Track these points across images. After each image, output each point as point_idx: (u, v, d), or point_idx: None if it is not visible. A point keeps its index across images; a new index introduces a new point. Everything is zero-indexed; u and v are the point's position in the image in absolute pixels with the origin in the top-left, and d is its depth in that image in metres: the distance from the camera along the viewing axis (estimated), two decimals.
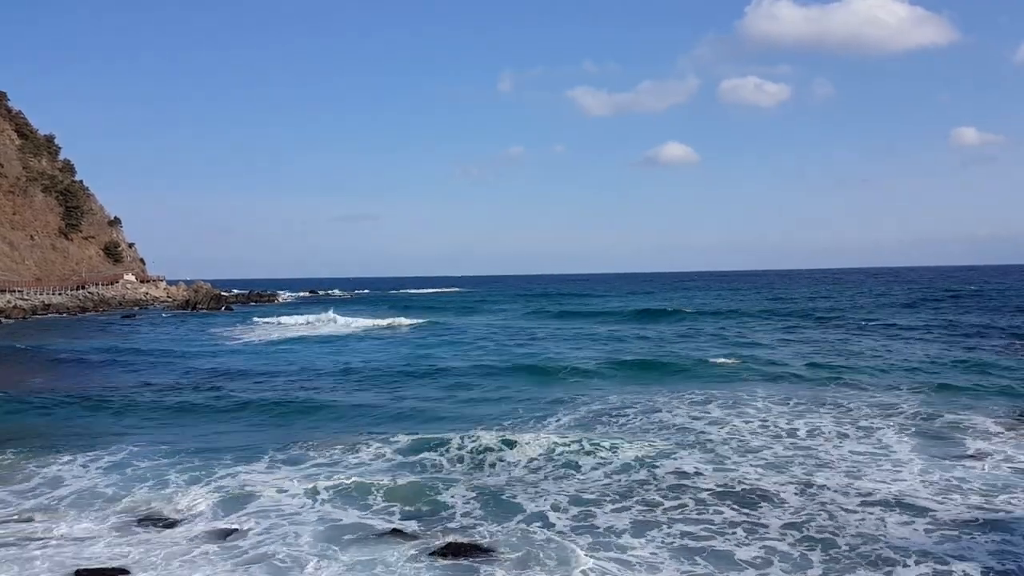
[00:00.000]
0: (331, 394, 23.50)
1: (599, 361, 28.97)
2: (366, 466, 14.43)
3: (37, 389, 25.08)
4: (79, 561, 9.91)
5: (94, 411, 20.83)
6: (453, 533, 10.82)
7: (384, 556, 10.01)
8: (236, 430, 18.31)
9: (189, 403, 22.03)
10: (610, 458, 14.49)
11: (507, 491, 12.70)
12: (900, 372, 25.16)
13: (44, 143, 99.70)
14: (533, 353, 33.14)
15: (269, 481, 13.41)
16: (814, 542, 10.34)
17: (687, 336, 39.99)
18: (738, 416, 18.47)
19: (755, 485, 12.73)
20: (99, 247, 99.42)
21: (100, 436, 17.40)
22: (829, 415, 18.42)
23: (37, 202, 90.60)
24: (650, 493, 12.44)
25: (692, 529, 10.90)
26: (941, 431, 16.51)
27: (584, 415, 19.21)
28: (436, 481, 13.32)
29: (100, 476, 13.96)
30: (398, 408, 20.76)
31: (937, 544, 10.21)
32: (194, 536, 10.88)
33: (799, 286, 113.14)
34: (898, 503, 11.82)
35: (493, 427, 17.42)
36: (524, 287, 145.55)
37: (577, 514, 11.58)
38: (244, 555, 10.17)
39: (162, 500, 12.39)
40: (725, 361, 28.17)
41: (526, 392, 22.95)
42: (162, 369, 30.16)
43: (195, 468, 14.35)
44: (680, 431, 17.08)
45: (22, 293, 73.90)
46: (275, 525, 11.24)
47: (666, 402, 20.52)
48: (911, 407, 19.08)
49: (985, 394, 20.60)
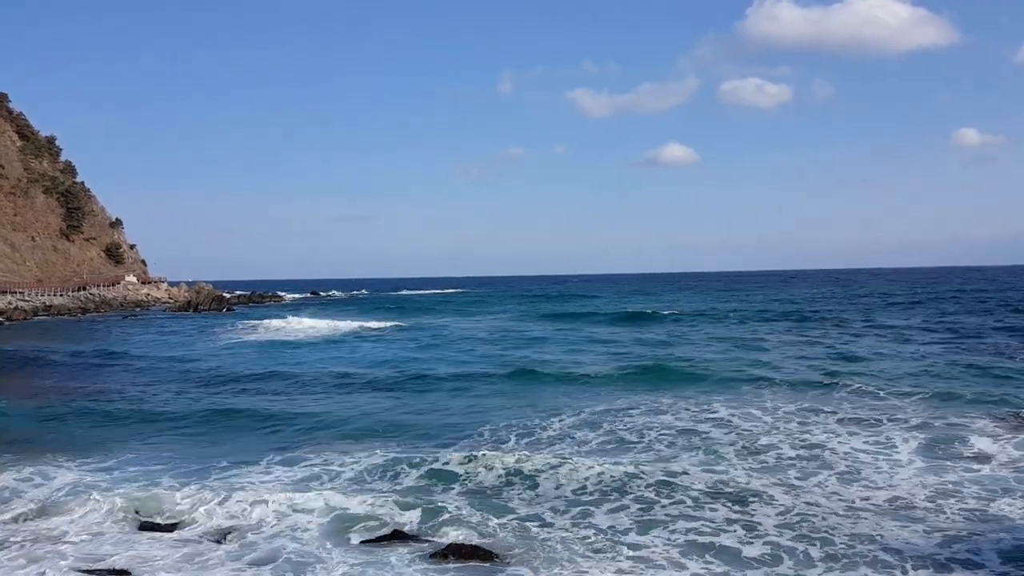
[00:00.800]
0: (301, 401, 23.47)
1: (596, 366, 28.86)
2: (352, 476, 14.40)
3: (32, 392, 25.10)
4: (80, 563, 9.89)
5: (90, 414, 20.83)
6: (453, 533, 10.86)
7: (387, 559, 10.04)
8: (228, 438, 18.24)
9: (169, 410, 22.02)
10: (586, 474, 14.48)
11: (502, 494, 12.72)
12: (901, 374, 25.12)
13: (45, 144, 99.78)
14: (522, 357, 32.58)
15: (268, 483, 13.46)
16: (821, 542, 10.34)
17: (683, 339, 39.90)
18: (745, 419, 18.47)
19: (748, 487, 12.74)
20: (100, 248, 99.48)
21: (98, 441, 17.42)
22: (830, 418, 18.39)
23: (38, 203, 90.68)
24: (647, 493, 12.44)
25: (694, 525, 10.94)
26: (942, 433, 16.48)
27: (574, 424, 19.18)
28: (426, 491, 13.32)
29: (99, 478, 14.00)
30: (365, 418, 19.90)
31: (939, 547, 10.21)
32: (193, 538, 10.90)
33: (800, 287, 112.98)
34: (899, 506, 11.83)
35: (464, 439, 17.17)
36: (524, 288, 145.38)
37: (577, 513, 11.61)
38: (244, 556, 10.17)
39: (161, 502, 12.37)
40: (728, 366, 28.14)
41: (505, 400, 22.17)
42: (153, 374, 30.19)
43: (193, 471, 14.38)
44: (684, 434, 17.07)
45: (23, 294, 73.97)
46: (273, 527, 11.24)
47: (671, 404, 20.55)
48: (913, 410, 19.04)
49: (987, 397, 20.53)
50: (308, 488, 13.00)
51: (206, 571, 9.73)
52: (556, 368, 28.20)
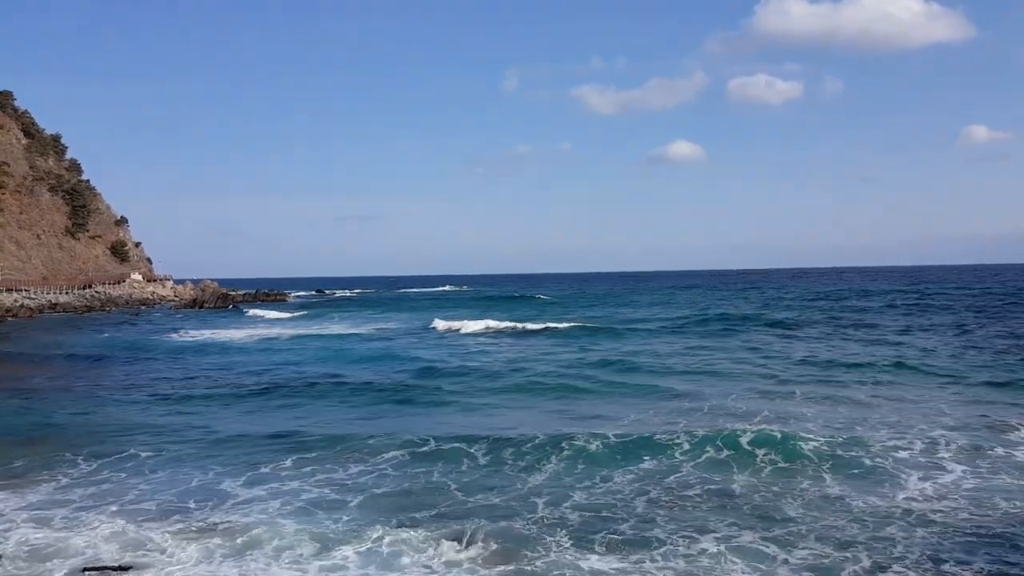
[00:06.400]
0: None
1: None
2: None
3: (25, 388, 24.57)
4: (84, 559, 9.69)
5: (92, 412, 20.17)
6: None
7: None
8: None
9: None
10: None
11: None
12: (930, 374, 24.18)
13: (50, 142, 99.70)
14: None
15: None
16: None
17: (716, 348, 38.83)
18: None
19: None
20: (106, 246, 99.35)
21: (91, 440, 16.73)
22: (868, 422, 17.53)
23: (43, 201, 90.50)
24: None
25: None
26: (982, 436, 15.59)
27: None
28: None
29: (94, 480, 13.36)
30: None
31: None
32: (191, 537, 10.38)
33: (816, 285, 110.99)
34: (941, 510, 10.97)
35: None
36: (522, 289, 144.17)
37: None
38: (243, 558, 9.76)
39: (158, 503, 12.08)
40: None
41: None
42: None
43: (192, 472, 13.84)
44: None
45: (29, 292, 73.61)
46: (272, 528, 10.69)
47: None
48: (950, 412, 18.11)
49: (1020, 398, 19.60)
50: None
51: (203, 566, 9.06)
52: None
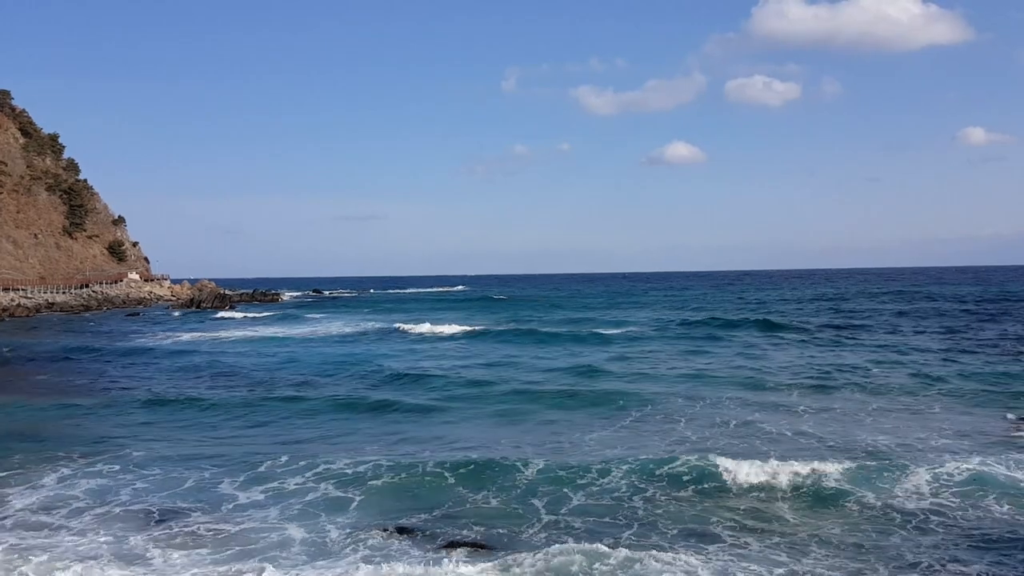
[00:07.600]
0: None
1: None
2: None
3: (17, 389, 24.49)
4: (84, 561, 9.63)
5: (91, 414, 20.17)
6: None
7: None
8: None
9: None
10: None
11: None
12: (928, 376, 24.08)
13: (48, 142, 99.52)
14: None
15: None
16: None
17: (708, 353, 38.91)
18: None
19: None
20: (103, 246, 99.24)
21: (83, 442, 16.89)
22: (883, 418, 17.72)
23: (41, 201, 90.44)
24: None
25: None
26: (983, 437, 15.67)
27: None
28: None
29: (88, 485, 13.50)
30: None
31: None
32: (188, 537, 10.45)
33: (820, 286, 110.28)
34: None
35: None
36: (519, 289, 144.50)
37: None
38: (242, 557, 9.73)
39: (156, 503, 12.05)
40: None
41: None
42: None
43: (186, 474, 13.81)
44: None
45: (26, 291, 73.64)
46: (271, 528, 10.76)
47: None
48: (947, 415, 18.16)
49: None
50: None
51: (197, 567, 9.18)
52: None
